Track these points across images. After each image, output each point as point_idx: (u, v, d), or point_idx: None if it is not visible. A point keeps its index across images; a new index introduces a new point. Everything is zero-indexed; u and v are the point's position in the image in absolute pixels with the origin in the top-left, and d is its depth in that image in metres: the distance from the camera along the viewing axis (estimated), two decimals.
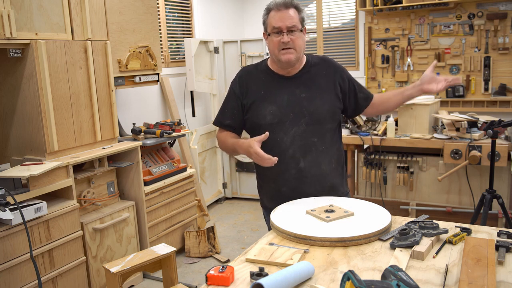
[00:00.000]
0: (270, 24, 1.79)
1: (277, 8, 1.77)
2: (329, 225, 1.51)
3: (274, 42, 1.78)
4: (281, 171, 1.85)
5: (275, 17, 1.77)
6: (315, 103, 1.83)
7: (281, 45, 1.77)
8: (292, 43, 1.76)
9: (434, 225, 1.47)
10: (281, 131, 1.83)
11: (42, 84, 2.47)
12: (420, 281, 1.19)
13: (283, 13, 1.75)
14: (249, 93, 1.89)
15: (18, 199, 2.25)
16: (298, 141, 1.83)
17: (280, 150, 1.82)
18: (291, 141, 1.83)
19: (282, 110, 1.83)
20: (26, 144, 2.57)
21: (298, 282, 1.21)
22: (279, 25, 1.75)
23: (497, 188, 3.09)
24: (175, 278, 2.14)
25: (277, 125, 1.83)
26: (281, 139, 1.83)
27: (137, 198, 3.14)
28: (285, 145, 1.83)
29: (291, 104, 1.83)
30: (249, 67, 1.97)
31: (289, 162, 1.84)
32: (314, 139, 1.84)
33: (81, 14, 2.73)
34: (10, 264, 2.21)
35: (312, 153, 1.84)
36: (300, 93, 1.84)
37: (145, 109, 4.08)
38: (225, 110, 1.95)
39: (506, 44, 4.35)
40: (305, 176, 1.84)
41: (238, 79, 1.94)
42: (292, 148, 1.83)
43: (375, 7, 4.64)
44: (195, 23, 4.79)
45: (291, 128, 1.82)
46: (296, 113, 1.83)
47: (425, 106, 3.49)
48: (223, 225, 4.25)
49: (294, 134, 1.82)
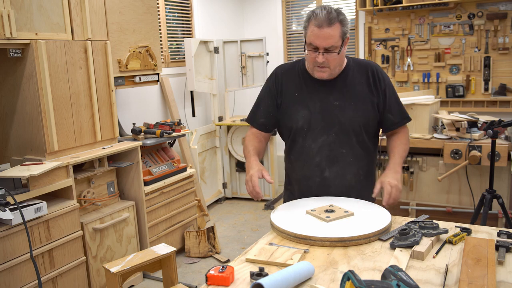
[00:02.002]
0: (308, 37, 1.68)
1: (318, 24, 1.63)
2: (329, 225, 1.51)
3: (309, 57, 1.71)
4: (306, 177, 1.83)
5: (313, 32, 1.65)
6: (348, 113, 1.76)
7: (315, 62, 1.69)
8: (327, 63, 1.68)
9: (434, 225, 1.47)
10: (310, 137, 1.78)
11: (42, 84, 2.47)
12: (420, 281, 1.19)
13: (323, 32, 1.63)
14: (284, 92, 1.83)
15: (18, 199, 2.25)
16: (326, 150, 1.78)
17: (307, 156, 1.80)
18: (318, 149, 1.78)
19: (313, 116, 1.77)
20: (26, 144, 2.57)
21: (298, 282, 1.21)
22: (316, 44, 1.65)
23: (497, 188, 3.09)
24: (175, 278, 2.14)
25: (307, 131, 1.78)
26: (309, 146, 1.79)
27: (137, 198, 3.14)
28: (312, 153, 1.79)
29: (323, 112, 1.76)
30: (286, 65, 1.91)
31: (314, 169, 1.80)
32: (342, 150, 1.78)
33: (81, 14, 2.73)
34: (10, 264, 2.21)
35: (339, 163, 1.79)
36: (334, 101, 1.76)
37: (145, 109, 4.08)
38: (259, 108, 1.89)
39: (506, 44, 4.35)
40: (329, 185, 1.80)
41: (275, 77, 1.87)
42: (319, 156, 1.78)
43: (375, 7, 4.64)
44: (195, 23, 4.79)
45: (320, 136, 1.77)
46: (327, 121, 1.76)
47: (425, 106, 3.49)
48: (223, 225, 4.25)
49: (323, 142, 1.77)
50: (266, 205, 4.66)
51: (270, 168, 4.78)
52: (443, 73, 4.66)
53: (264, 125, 1.89)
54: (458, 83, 4.59)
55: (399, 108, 1.85)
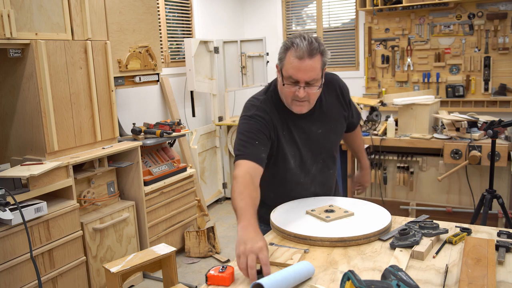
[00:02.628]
0: (286, 70, 1.54)
1: (299, 56, 1.49)
2: (329, 225, 1.51)
3: (287, 92, 1.57)
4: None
5: (293, 65, 1.51)
6: (330, 137, 1.78)
7: (295, 97, 1.57)
8: (307, 97, 1.57)
9: (434, 225, 1.47)
10: (302, 172, 1.77)
11: (42, 84, 2.47)
12: (420, 281, 1.19)
13: (304, 64, 1.49)
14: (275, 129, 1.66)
15: (18, 199, 2.25)
16: (318, 178, 1.81)
17: (302, 189, 1.80)
18: (311, 180, 1.80)
19: (301, 151, 1.72)
20: (26, 144, 2.57)
21: (298, 282, 1.20)
22: (297, 78, 1.52)
23: (497, 188, 3.08)
24: (175, 278, 2.14)
25: (298, 166, 1.75)
26: (304, 180, 1.79)
27: (137, 198, 3.14)
28: (307, 185, 1.80)
29: (309, 143, 1.74)
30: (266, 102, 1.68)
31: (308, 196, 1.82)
32: (330, 171, 1.85)
33: (81, 14, 2.73)
34: (10, 264, 2.21)
35: (328, 182, 1.87)
36: (317, 130, 1.74)
37: (145, 109, 4.08)
38: (255, 143, 1.58)
39: (506, 44, 4.35)
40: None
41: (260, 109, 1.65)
42: (314, 186, 1.82)
43: (375, 7, 4.64)
44: (195, 23, 4.79)
45: (311, 167, 1.78)
46: (313, 151, 1.76)
47: (425, 106, 3.49)
48: (223, 225, 4.25)
49: (314, 172, 1.79)
50: None
51: None
52: (443, 73, 4.66)
53: (265, 161, 1.61)
54: (458, 83, 4.59)
55: (355, 110, 1.95)
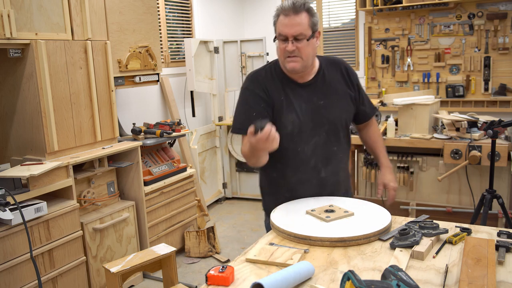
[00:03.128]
0: (277, 29, 1.67)
1: (285, 13, 1.63)
2: (329, 225, 1.51)
3: (280, 49, 1.69)
4: (301, 181, 1.79)
5: (282, 22, 1.64)
6: (334, 111, 1.77)
7: (286, 52, 1.66)
8: (298, 52, 1.65)
9: (434, 225, 1.47)
10: (301, 141, 1.75)
11: (42, 84, 2.47)
12: (420, 281, 1.19)
13: (291, 20, 1.62)
14: (272, 97, 1.75)
15: (18, 199, 2.25)
16: (319, 150, 1.77)
17: (301, 160, 1.77)
18: (312, 151, 1.76)
19: (301, 119, 1.74)
20: (26, 144, 2.57)
21: (298, 282, 1.20)
22: (285, 33, 1.63)
23: (497, 188, 3.08)
24: (175, 278, 2.14)
25: (297, 134, 1.75)
26: (302, 150, 1.76)
27: (137, 198, 3.14)
28: (306, 156, 1.77)
29: (310, 113, 1.74)
30: (261, 72, 1.80)
31: (310, 172, 1.78)
32: (334, 148, 1.80)
33: (81, 14, 2.73)
34: (10, 264, 2.21)
35: (332, 162, 1.80)
36: (318, 101, 1.76)
37: (145, 109, 4.08)
38: (253, 115, 1.70)
39: (506, 44, 4.35)
40: (325, 185, 1.81)
41: (258, 82, 1.76)
42: (314, 159, 1.77)
43: (375, 7, 4.64)
44: (195, 23, 4.79)
45: (311, 138, 1.75)
46: (315, 122, 1.75)
47: (425, 106, 3.49)
48: (223, 225, 4.25)
49: (315, 144, 1.76)
50: None
51: None
52: (443, 73, 4.66)
53: None
54: (458, 83, 4.59)
55: (368, 100, 1.94)
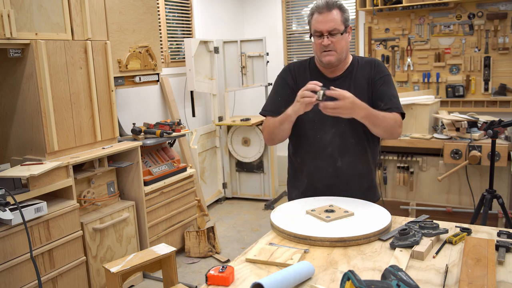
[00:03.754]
0: (313, 26, 1.80)
1: (319, 11, 1.77)
2: (329, 225, 1.51)
3: (316, 44, 1.81)
4: (318, 168, 1.89)
5: (317, 19, 1.78)
6: None
7: (322, 47, 1.79)
8: (333, 46, 1.77)
9: (434, 225, 1.47)
10: (321, 129, 1.85)
11: (42, 84, 2.47)
12: (420, 281, 1.19)
13: (324, 16, 1.76)
14: (299, 85, 1.86)
15: (18, 199, 2.25)
16: (337, 140, 1.85)
17: (319, 147, 1.87)
18: (330, 139, 1.85)
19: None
20: (26, 144, 2.57)
21: (298, 282, 1.21)
22: (320, 29, 1.76)
23: (497, 188, 3.09)
24: (175, 278, 2.14)
25: (318, 122, 1.85)
26: (321, 137, 1.86)
27: (137, 198, 3.14)
28: (324, 143, 1.86)
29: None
30: (297, 63, 1.99)
31: (327, 160, 1.87)
32: (352, 140, 1.86)
33: (81, 14, 2.73)
34: (10, 264, 2.21)
35: (349, 153, 1.86)
36: None
37: (145, 109, 4.08)
38: (278, 99, 1.92)
39: (506, 44, 4.34)
40: (341, 176, 1.87)
41: (289, 71, 1.95)
42: (331, 147, 1.86)
43: (375, 7, 4.64)
44: (195, 23, 4.79)
45: (331, 128, 1.84)
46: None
47: (425, 106, 3.49)
48: (223, 225, 4.25)
49: (334, 133, 1.85)
50: (266, 205, 4.66)
51: (270, 168, 4.78)
52: (443, 73, 4.66)
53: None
54: (458, 83, 4.59)
55: (390, 98, 1.83)
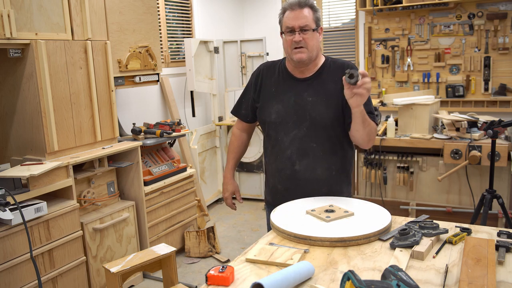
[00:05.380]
0: (284, 23, 1.81)
1: (291, 8, 1.79)
2: (329, 225, 1.51)
3: (287, 41, 1.81)
4: (278, 170, 1.92)
5: (288, 16, 1.80)
6: (319, 108, 1.81)
7: (293, 44, 1.79)
8: (304, 42, 1.78)
9: (434, 225, 1.47)
10: (282, 131, 1.87)
11: (42, 84, 2.47)
12: (420, 281, 1.19)
13: (296, 13, 1.78)
14: (263, 88, 1.95)
15: (18, 199, 2.25)
16: (296, 143, 1.85)
17: (279, 149, 1.89)
18: (290, 142, 1.86)
19: (286, 110, 1.86)
20: (26, 144, 2.57)
21: (298, 282, 1.20)
22: (292, 25, 1.77)
23: (497, 188, 3.08)
24: (175, 278, 2.14)
25: (280, 124, 1.87)
26: (281, 139, 1.88)
27: (137, 198, 3.14)
28: (284, 145, 1.88)
29: (296, 107, 1.84)
30: (269, 63, 2.01)
31: (285, 162, 1.88)
32: (313, 144, 1.84)
33: (81, 14, 2.73)
34: (10, 264, 2.21)
35: (308, 157, 1.85)
36: (307, 97, 1.84)
37: (145, 109, 4.08)
38: (242, 101, 2.06)
39: (506, 44, 4.35)
40: (299, 179, 1.87)
41: (257, 73, 2.00)
42: (290, 150, 1.86)
43: (375, 7, 4.64)
44: (195, 23, 4.79)
45: (292, 130, 1.85)
46: (299, 116, 1.84)
47: (425, 106, 3.49)
48: (223, 225, 4.25)
49: (294, 136, 1.85)
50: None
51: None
52: (443, 73, 4.66)
53: (245, 116, 2.07)
54: (458, 83, 4.59)
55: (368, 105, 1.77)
